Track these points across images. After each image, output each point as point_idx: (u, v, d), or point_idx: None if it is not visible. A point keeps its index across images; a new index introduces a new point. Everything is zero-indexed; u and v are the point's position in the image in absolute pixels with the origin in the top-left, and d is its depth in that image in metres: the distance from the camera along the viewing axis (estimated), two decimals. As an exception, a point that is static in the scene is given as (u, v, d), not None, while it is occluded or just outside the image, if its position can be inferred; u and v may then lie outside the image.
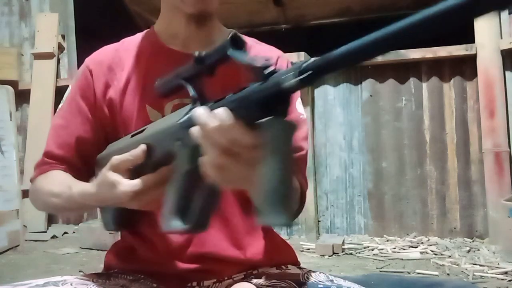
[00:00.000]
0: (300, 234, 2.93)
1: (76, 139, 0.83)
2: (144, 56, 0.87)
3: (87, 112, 0.84)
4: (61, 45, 3.52)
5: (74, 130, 0.83)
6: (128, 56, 0.87)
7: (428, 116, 2.77)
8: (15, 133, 2.97)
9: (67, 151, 0.83)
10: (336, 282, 0.74)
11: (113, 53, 0.88)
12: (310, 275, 0.77)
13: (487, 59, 2.58)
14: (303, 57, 2.72)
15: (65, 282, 0.71)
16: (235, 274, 0.81)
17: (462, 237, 2.68)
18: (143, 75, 0.84)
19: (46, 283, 0.70)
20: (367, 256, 2.40)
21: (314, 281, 0.75)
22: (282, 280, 0.75)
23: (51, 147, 0.84)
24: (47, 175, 0.83)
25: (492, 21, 2.60)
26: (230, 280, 0.81)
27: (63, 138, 0.84)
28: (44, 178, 0.83)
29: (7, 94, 2.94)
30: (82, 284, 0.73)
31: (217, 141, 0.49)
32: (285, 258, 0.87)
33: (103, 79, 0.84)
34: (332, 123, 2.93)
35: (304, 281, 0.75)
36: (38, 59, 3.44)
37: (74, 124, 0.84)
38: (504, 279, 1.95)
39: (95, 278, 0.77)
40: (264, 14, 4.50)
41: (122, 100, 0.83)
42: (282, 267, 0.83)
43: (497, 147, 2.55)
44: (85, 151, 0.83)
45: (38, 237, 3.05)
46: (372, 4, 4.32)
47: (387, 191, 2.83)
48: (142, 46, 0.89)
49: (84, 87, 0.86)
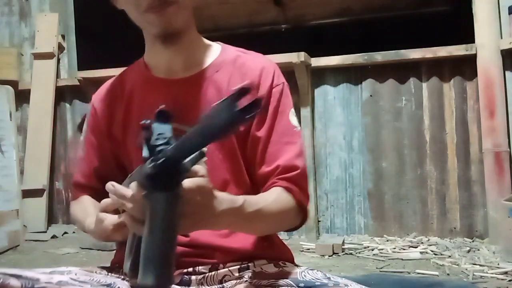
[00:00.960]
0: (300, 234, 2.93)
1: (94, 169, 0.96)
2: (137, 88, 0.93)
3: (98, 146, 0.96)
4: (61, 45, 3.52)
5: (90, 161, 0.97)
6: (123, 90, 0.94)
7: (428, 116, 2.77)
8: (15, 133, 2.97)
9: (88, 179, 0.97)
10: (333, 280, 0.75)
11: (112, 88, 0.96)
12: (307, 273, 0.79)
13: (487, 59, 2.58)
14: (303, 57, 2.72)
15: (70, 272, 0.77)
16: (229, 262, 0.83)
17: (462, 237, 2.68)
18: (138, 108, 0.91)
19: (52, 272, 0.75)
20: (367, 256, 2.40)
21: (312, 279, 0.76)
22: (280, 278, 0.77)
23: (77, 177, 0.99)
24: (77, 201, 0.98)
25: (492, 21, 2.59)
26: (226, 269, 0.83)
27: (83, 169, 0.98)
28: (74, 204, 0.99)
29: (7, 94, 2.94)
30: (85, 275, 0.77)
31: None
32: (281, 254, 0.89)
33: (106, 115, 0.95)
34: (332, 123, 2.93)
35: (301, 278, 0.77)
36: (38, 59, 3.43)
37: (89, 156, 0.97)
38: (504, 279, 1.95)
39: (98, 271, 0.83)
40: (264, 14, 4.50)
41: (123, 134, 0.92)
42: (279, 264, 0.85)
43: (497, 147, 2.55)
44: (103, 177, 0.91)
45: (38, 237, 3.05)
46: (372, 4, 4.32)
47: (387, 191, 2.83)
48: (134, 78, 0.95)
49: (93, 124, 0.97)
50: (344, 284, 0.73)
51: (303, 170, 0.85)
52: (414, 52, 2.73)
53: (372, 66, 2.84)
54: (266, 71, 0.89)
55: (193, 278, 0.83)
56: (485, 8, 2.60)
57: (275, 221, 0.81)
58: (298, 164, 0.84)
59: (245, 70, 0.90)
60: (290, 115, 0.88)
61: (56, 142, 3.47)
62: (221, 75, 0.90)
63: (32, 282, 0.67)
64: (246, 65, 0.91)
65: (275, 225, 0.83)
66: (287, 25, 4.81)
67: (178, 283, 0.82)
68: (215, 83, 0.89)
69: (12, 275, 0.66)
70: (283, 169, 0.83)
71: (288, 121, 0.87)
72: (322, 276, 0.77)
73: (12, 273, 0.67)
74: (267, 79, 0.89)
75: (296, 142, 0.86)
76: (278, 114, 0.87)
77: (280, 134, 0.85)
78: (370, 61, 2.81)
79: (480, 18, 2.62)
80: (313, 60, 2.88)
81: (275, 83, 0.89)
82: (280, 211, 0.80)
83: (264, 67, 0.90)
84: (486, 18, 2.60)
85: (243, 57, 0.93)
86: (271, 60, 0.94)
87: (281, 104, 0.88)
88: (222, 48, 0.96)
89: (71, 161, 3.46)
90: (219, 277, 0.83)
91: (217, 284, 0.82)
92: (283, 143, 0.85)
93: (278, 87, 0.89)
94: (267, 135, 0.86)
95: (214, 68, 0.91)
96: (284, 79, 0.92)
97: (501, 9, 2.58)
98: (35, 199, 3.22)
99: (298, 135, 0.87)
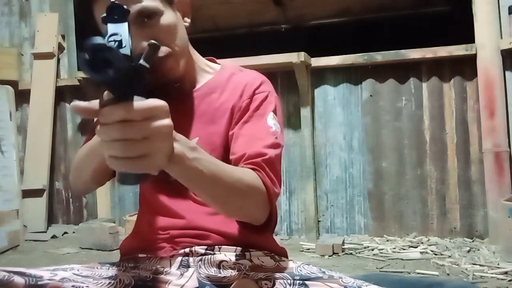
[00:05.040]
0: (300, 234, 2.94)
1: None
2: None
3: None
4: (61, 45, 3.52)
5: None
6: None
7: (428, 116, 2.77)
8: (15, 133, 2.97)
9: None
10: (327, 273, 0.79)
11: None
12: (303, 268, 0.83)
13: (487, 59, 2.58)
14: (303, 57, 2.72)
15: (72, 269, 0.78)
16: (224, 245, 0.86)
17: (462, 237, 2.68)
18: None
19: (56, 269, 0.76)
20: (367, 256, 2.40)
21: (307, 272, 0.80)
22: (277, 272, 0.80)
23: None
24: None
25: (492, 21, 2.59)
26: (222, 254, 0.85)
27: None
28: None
29: (7, 94, 2.93)
30: (87, 270, 0.79)
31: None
32: (275, 247, 0.92)
33: None
34: (332, 123, 2.93)
35: (297, 273, 0.80)
36: (38, 59, 3.44)
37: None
38: (504, 279, 1.95)
39: (99, 266, 0.84)
40: (264, 14, 4.49)
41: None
42: (276, 258, 0.88)
43: (497, 147, 2.54)
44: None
45: (38, 237, 3.05)
46: (372, 4, 4.31)
47: (387, 191, 2.83)
48: None
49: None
50: (338, 277, 0.77)
51: (272, 158, 0.81)
52: (414, 52, 2.73)
53: (372, 66, 2.84)
54: (252, 82, 0.92)
55: (191, 260, 0.85)
56: (485, 8, 2.59)
57: (237, 191, 0.72)
58: (267, 152, 0.81)
59: (234, 85, 0.93)
60: (268, 118, 0.88)
61: (56, 142, 3.47)
62: (213, 94, 0.93)
63: (35, 279, 0.68)
64: (237, 80, 0.94)
65: (238, 197, 0.73)
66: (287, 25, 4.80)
67: (178, 265, 0.85)
68: (207, 101, 0.93)
69: (16, 273, 0.67)
70: (249, 156, 0.81)
71: (265, 122, 0.87)
72: (317, 270, 0.81)
73: (16, 271, 0.68)
74: (252, 87, 0.92)
75: (269, 140, 0.84)
76: (257, 115, 0.88)
77: (254, 130, 0.86)
78: (370, 61, 2.81)
79: (480, 18, 2.62)
80: (313, 60, 2.88)
81: (259, 90, 0.91)
82: (244, 181, 0.73)
83: (252, 79, 0.94)
84: (486, 18, 2.60)
85: (237, 74, 0.96)
86: (263, 76, 0.96)
87: (262, 108, 0.89)
88: (221, 68, 1.00)
89: (71, 161, 3.46)
90: (216, 261, 0.84)
91: (215, 268, 0.84)
92: (255, 138, 0.84)
93: (261, 94, 0.91)
94: (241, 130, 0.87)
95: (207, 88, 0.94)
96: (275, 92, 0.94)
97: (501, 9, 2.58)
98: (35, 199, 3.23)
99: (273, 134, 0.85)
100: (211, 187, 0.68)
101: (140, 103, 0.53)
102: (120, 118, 0.52)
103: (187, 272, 0.84)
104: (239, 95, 0.91)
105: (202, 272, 0.83)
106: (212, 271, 0.83)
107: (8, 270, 0.67)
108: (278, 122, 0.89)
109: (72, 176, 0.94)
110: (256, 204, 0.76)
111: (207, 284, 0.82)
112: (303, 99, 2.89)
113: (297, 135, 2.92)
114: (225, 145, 0.89)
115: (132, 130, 0.52)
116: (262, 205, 0.77)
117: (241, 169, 0.78)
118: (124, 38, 0.55)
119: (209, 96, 0.93)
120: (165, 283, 0.80)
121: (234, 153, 0.84)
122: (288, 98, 2.98)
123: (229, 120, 0.90)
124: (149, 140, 0.53)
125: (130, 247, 0.93)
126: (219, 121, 0.90)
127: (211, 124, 0.90)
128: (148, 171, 0.55)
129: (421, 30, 4.26)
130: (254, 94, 0.91)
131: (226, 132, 0.89)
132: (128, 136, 0.52)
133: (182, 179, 0.64)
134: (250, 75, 0.95)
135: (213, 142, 0.88)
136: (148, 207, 0.94)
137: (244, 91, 0.91)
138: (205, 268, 0.84)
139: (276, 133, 0.86)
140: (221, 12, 4.26)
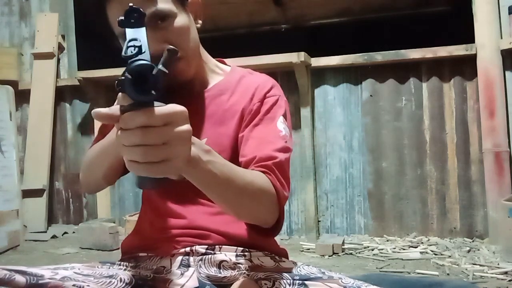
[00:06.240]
0: (300, 234, 2.94)
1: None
2: None
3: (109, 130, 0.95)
4: (61, 45, 3.52)
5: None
6: None
7: (428, 116, 2.77)
8: (15, 133, 2.97)
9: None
10: (327, 274, 0.79)
11: None
12: (303, 268, 0.83)
13: (487, 59, 2.58)
14: (303, 57, 2.72)
15: (73, 268, 0.78)
16: (224, 245, 0.86)
17: (462, 237, 2.68)
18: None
19: (56, 268, 0.76)
20: (367, 256, 2.40)
21: (307, 273, 0.80)
22: (276, 272, 0.81)
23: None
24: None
25: (492, 21, 2.59)
26: (223, 254, 0.85)
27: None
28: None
29: (7, 94, 2.93)
30: (88, 269, 0.79)
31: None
32: (276, 248, 0.92)
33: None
34: (332, 123, 2.93)
35: (297, 273, 0.81)
36: (38, 59, 3.44)
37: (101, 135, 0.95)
38: (504, 279, 1.95)
39: (100, 265, 0.84)
40: (264, 14, 4.49)
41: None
42: (276, 258, 0.88)
43: (497, 147, 2.55)
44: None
45: (38, 237, 3.05)
46: (372, 4, 4.31)
47: (387, 191, 2.83)
48: None
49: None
50: (338, 277, 0.77)
51: (282, 162, 0.82)
52: (414, 52, 2.73)
53: (372, 66, 2.84)
54: (263, 85, 0.93)
55: (191, 259, 0.85)
56: (485, 8, 2.60)
57: (249, 194, 0.73)
58: (277, 155, 0.82)
59: (245, 87, 0.94)
60: (278, 122, 0.89)
61: (56, 142, 3.47)
62: (223, 96, 0.94)
63: (36, 277, 0.68)
64: (247, 83, 0.95)
65: (250, 200, 0.74)
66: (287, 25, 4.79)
67: (178, 265, 0.85)
68: (216, 102, 0.94)
69: (17, 271, 0.68)
70: (260, 158, 0.82)
71: (275, 126, 0.88)
72: (316, 271, 0.81)
73: (17, 269, 0.68)
74: (263, 90, 0.93)
75: (279, 143, 0.85)
76: (267, 119, 0.89)
77: (264, 134, 0.87)
78: (370, 61, 2.81)
79: (480, 18, 2.62)
80: (313, 60, 2.88)
81: (270, 94, 0.93)
82: (255, 184, 0.74)
83: (263, 82, 0.95)
84: (486, 18, 2.60)
85: (247, 76, 0.97)
86: (273, 79, 0.97)
87: (272, 111, 0.90)
88: (231, 70, 1.01)
89: (71, 161, 3.46)
90: (216, 261, 0.84)
91: (215, 267, 0.84)
92: (265, 141, 0.85)
93: (272, 97, 0.92)
94: (251, 132, 0.87)
95: (217, 89, 0.95)
96: (284, 97, 0.95)
97: (501, 9, 2.58)
98: (35, 199, 3.23)
99: (283, 138, 0.86)
100: (224, 190, 0.69)
101: (160, 108, 0.53)
102: (141, 124, 0.53)
103: (187, 271, 0.84)
104: (249, 98, 0.92)
105: (202, 272, 0.84)
106: (212, 271, 0.84)
107: (9, 268, 0.67)
108: (288, 127, 0.90)
109: (83, 175, 0.95)
110: (267, 207, 0.77)
111: (207, 283, 0.82)
112: (303, 99, 2.89)
113: (297, 135, 2.92)
114: (234, 147, 0.89)
115: (152, 135, 0.53)
116: (272, 208, 0.78)
117: (252, 172, 0.79)
118: (143, 44, 0.55)
119: (219, 97, 0.94)
120: (165, 282, 0.81)
121: (244, 156, 0.84)
122: (288, 98, 2.94)
123: (238, 122, 0.90)
124: (169, 145, 0.54)
125: (131, 246, 0.93)
126: (228, 122, 0.91)
127: (220, 125, 0.91)
128: (167, 175, 0.56)
129: (421, 30, 4.26)
130: (265, 98, 0.91)
131: (235, 134, 0.90)
132: (149, 142, 0.53)
133: (195, 182, 0.65)
134: (260, 78, 0.96)
135: (221, 143, 0.89)
136: (150, 206, 0.95)
137: (255, 94, 0.92)
138: (205, 268, 0.84)
139: (285, 137, 0.87)
140: (221, 12, 4.25)
